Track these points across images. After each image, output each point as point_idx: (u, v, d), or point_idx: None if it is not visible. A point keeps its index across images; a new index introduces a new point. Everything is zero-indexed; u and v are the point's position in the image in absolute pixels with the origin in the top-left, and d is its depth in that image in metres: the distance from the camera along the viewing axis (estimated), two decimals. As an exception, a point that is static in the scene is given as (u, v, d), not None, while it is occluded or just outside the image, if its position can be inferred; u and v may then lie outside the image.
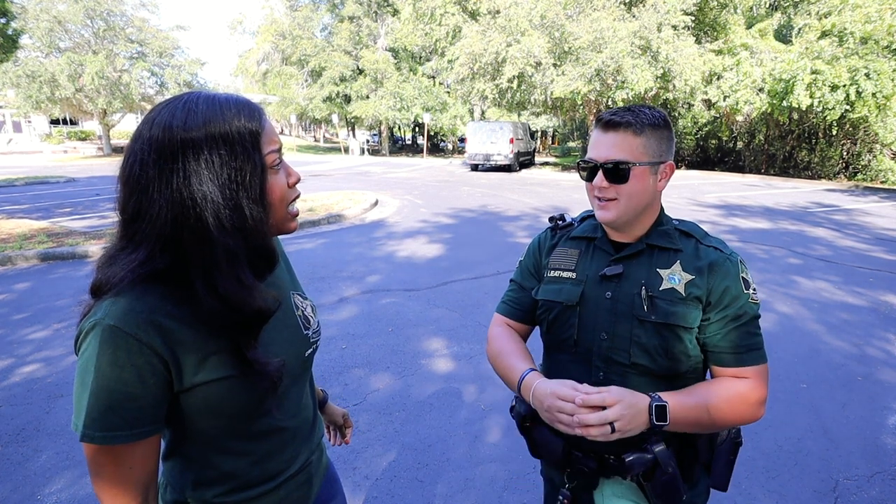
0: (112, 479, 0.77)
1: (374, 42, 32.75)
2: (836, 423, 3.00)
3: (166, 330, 0.76)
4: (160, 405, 0.78)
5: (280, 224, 0.88)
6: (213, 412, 0.83)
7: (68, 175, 17.40)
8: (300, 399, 0.99)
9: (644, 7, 17.08)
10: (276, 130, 0.88)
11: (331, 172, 19.60)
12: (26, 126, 37.31)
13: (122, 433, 0.74)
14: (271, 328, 0.89)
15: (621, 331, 1.12)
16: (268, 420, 0.90)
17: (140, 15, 28.03)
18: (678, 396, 1.05)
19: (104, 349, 0.72)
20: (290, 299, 0.99)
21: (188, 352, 0.78)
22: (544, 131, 45.87)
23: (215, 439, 0.86)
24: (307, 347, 0.99)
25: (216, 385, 0.80)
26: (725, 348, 1.10)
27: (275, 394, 0.87)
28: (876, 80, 14.98)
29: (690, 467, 1.13)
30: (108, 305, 0.74)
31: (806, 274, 6.03)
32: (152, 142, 0.75)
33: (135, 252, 0.76)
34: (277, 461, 0.94)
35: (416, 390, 3.36)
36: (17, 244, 6.83)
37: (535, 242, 1.34)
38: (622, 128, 1.09)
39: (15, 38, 12.58)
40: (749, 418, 1.08)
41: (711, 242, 1.15)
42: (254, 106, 0.83)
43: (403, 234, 8.23)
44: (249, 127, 0.79)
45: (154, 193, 0.75)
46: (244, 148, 0.78)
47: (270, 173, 0.83)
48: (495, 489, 2.46)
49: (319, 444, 1.07)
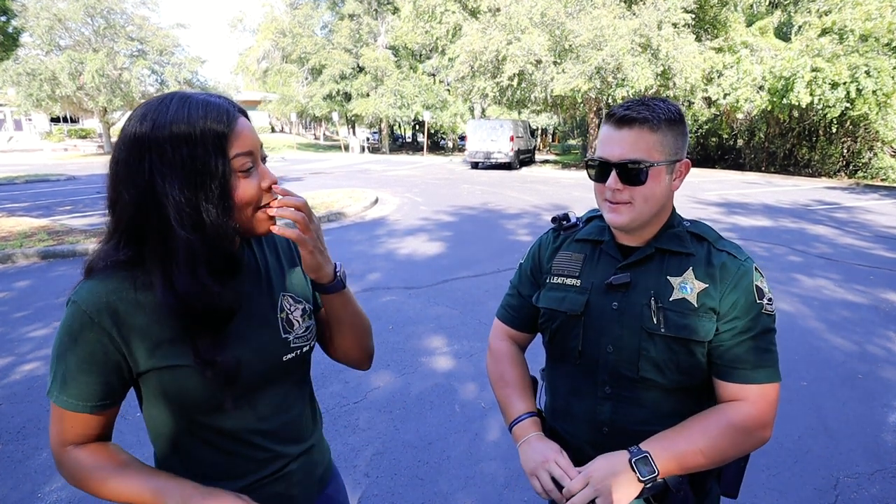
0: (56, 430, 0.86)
1: (375, 40, 32.68)
2: (837, 421, 3.00)
3: (119, 312, 0.81)
4: (109, 385, 0.84)
5: (248, 226, 0.87)
6: (170, 399, 0.86)
7: (69, 173, 17.41)
8: (278, 403, 0.97)
9: (644, 5, 17.02)
10: (258, 132, 0.88)
11: (331, 170, 19.59)
12: (27, 124, 37.26)
13: (72, 401, 0.82)
14: (243, 325, 0.90)
15: (629, 343, 1.04)
16: (231, 417, 0.90)
17: (140, 13, 28.05)
18: (664, 444, 0.98)
19: (66, 323, 0.82)
20: (278, 301, 0.98)
21: (140, 336, 0.82)
22: (545, 129, 45.80)
23: (180, 426, 0.90)
24: (286, 352, 0.96)
25: (168, 372, 0.84)
26: (730, 361, 1.01)
27: (230, 390, 0.87)
28: (876, 77, 14.93)
29: (702, 482, 1.06)
30: (80, 286, 0.83)
31: (806, 272, 6.03)
32: (126, 139, 0.81)
33: (108, 242, 0.85)
34: (247, 461, 0.94)
35: (417, 388, 3.36)
36: (18, 242, 6.83)
37: (537, 245, 1.26)
38: (637, 124, 0.99)
39: (15, 36, 12.56)
40: (753, 445, 1.01)
41: (725, 247, 1.07)
42: (226, 108, 0.83)
43: (404, 231, 8.23)
44: (215, 129, 0.80)
45: (122, 188, 0.80)
46: (206, 150, 0.79)
47: (238, 176, 0.83)
48: (496, 487, 2.46)
49: (309, 453, 1.04)
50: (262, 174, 0.86)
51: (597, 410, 1.10)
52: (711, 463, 0.99)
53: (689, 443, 0.98)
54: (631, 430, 1.06)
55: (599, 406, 1.10)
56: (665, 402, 1.06)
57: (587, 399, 1.11)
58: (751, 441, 1.00)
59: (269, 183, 0.87)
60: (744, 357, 1.01)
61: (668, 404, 1.06)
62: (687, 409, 1.06)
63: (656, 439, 1.00)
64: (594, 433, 1.11)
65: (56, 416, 0.85)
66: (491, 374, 1.27)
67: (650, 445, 0.99)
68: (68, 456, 0.86)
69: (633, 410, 1.07)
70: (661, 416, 1.06)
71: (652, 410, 1.06)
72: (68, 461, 0.86)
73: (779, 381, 1.02)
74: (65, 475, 0.87)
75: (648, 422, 1.06)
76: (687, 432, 1.00)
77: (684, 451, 0.97)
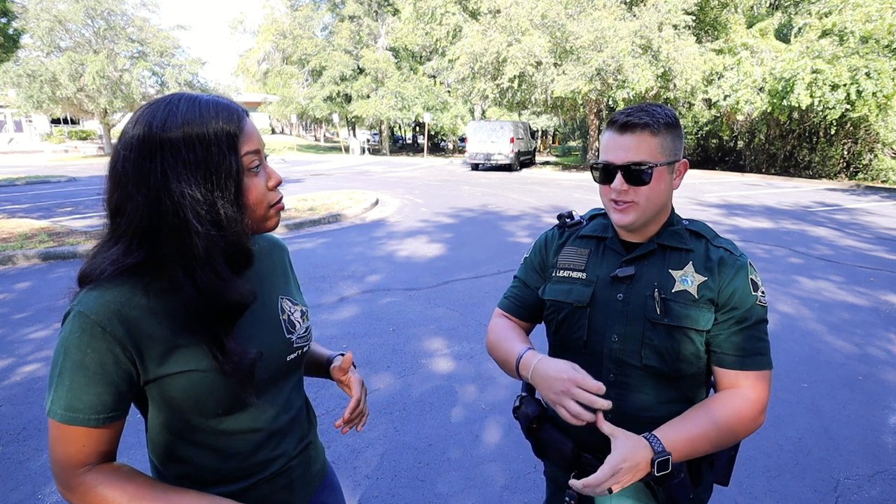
0: (64, 453, 0.79)
1: (375, 41, 32.73)
2: (837, 423, 3.00)
3: (132, 321, 0.79)
4: (120, 395, 0.81)
5: (258, 224, 0.90)
6: (180, 405, 0.85)
7: (69, 174, 17.42)
8: (280, 402, 0.99)
9: (645, 6, 17.06)
10: (260, 133, 0.90)
11: (331, 172, 19.60)
12: (27, 125, 37.33)
13: (80, 415, 0.78)
14: (250, 326, 0.91)
15: (633, 333, 1.11)
16: (239, 419, 0.91)
17: (141, 14, 28.02)
18: (677, 435, 1.01)
19: (72, 334, 0.78)
20: (278, 303, 1.00)
21: (153, 344, 0.81)
22: (545, 131, 45.83)
23: (183, 431, 0.89)
24: (290, 352, 0.99)
25: (184, 378, 0.83)
26: (728, 350, 1.08)
27: (251, 384, 0.87)
28: (876, 79, 14.93)
29: (698, 467, 1.13)
30: (83, 295, 0.80)
31: (807, 273, 6.03)
32: (133, 140, 0.80)
33: (115, 246, 0.81)
34: (251, 461, 0.94)
35: (417, 390, 3.36)
36: (18, 243, 6.84)
37: (542, 239, 1.32)
38: (639, 129, 1.07)
39: (16, 38, 12.57)
40: (751, 430, 1.07)
41: (721, 243, 1.14)
42: (234, 108, 0.85)
43: (404, 233, 8.23)
44: (227, 129, 0.82)
45: (133, 190, 0.79)
46: (220, 149, 0.81)
47: (248, 175, 0.86)
48: (496, 489, 2.45)
49: (307, 450, 1.06)
50: (268, 173, 0.90)
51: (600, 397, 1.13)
52: (714, 449, 1.05)
53: (700, 432, 1.03)
54: (632, 415, 1.12)
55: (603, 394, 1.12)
56: (664, 389, 1.12)
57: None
58: (750, 426, 1.06)
59: (275, 182, 0.90)
60: (741, 345, 1.08)
61: (667, 391, 1.12)
62: (683, 397, 1.13)
63: (670, 430, 1.03)
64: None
65: (62, 437, 0.78)
66: (489, 342, 1.31)
67: (665, 437, 1.01)
68: (85, 483, 0.79)
69: (636, 397, 1.12)
70: (659, 402, 1.12)
71: (652, 397, 1.12)
72: (87, 490, 0.79)
73: (771, 369, 1.10)
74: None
75: (648, 408, 1.12)
76: (696, 422, 1.05)
77: (694, 441, 1.02)
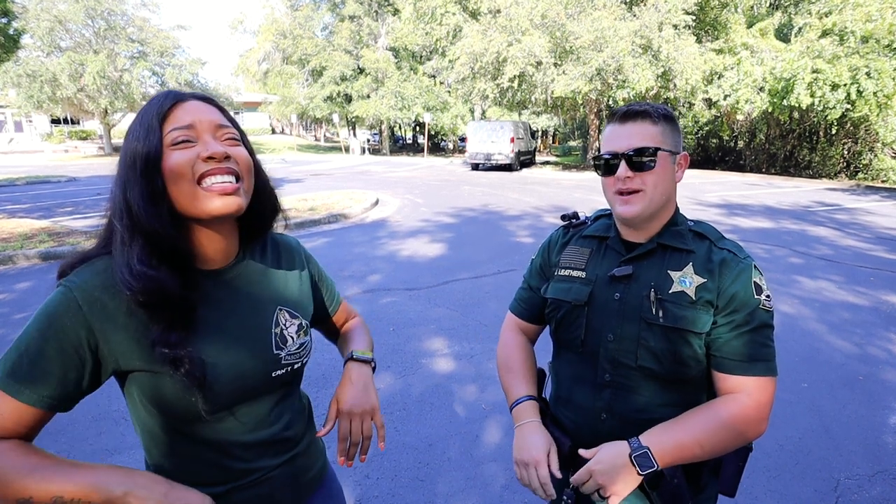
0: None
1: (375, 41, 32.72)
2: (838, 423, 3.00)
3: (108, 309, 0.80)
4: (68, 383, 0.79)
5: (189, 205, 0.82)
6: (151, 404, 0.86)
7: (69, 174, 17.42)
8: (261, 416, 0.95)
9: (645, 6, 17.06)
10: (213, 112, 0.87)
11: (331, 172, 19.60)
12: (27, 125, 37.33)
13: (24, 389, 0.76)
14: (228, 336, 0.89)
15: (628, 333, 1.10)
16: (212, 428, 0.89)
17: (141, 14, 28.06)
18: (664, 437, 1.02)
19: (49, 304, 0.80)
20: (273, 314, 0.97)
21: (124, 335, 0.81)
22: (545, 131, 45.80)
23: (163, 431, 0.89)
24: (276, 368, 0.95)
25: (149, 377, 0.83)
26: (728, 354, 1.05)
27: (202, 396, 0.84)
28: (877, 79, 14.94)
29: (697, 473, 1.10)
30: (73, 274, 0.83)
31: (807, 273, 6.03)
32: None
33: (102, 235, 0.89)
34: (225, 471, 0.92)
35: (417, 389, 3.36)
36: (19, 243, 6.84)
37: (547, 241, 1.34)
38: (640, 117, 1.09)
39: (16, 38, 12.54)
40: (749, 437, 1.04)
41: (726, 245, 1.11)
42: (169, 92, 0.86)
43: (404, 233, 8.23)
44: (154, 112, 0.83)
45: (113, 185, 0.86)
46: (145, 128, 0.82)
47: (170, 150, 0.81)
48: (496, 488, 2.46)
49: (293, 461, 1.03)
50: (204, 144, 0.83)
51: (596, 397, 1.15)
52: (708, 455, 1.03)
53: (688, 435, 1.02)
54: (628, 417, 1.11)
55: (599, 393, 1.15)
56: (662, 391, 1.10)
57: (588, 386, 1.17)
58: (747, 434, 1.03)
59: (209, 153, 0.82)
60: (742, 350, 1.05)
61: (666, 394, 1.11)
62: (683, 400, 1.10)
63: (656, 431, 1.04)
64: (593, 420, 1.16)
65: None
66: (498, 361, 1.36)
67: (650, 438, 1.02)
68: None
69: (631, 398, 1.12)
70: (657, 405, 1.10)
71: (649, 399, 1.11)
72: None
73: (775, 376, 1.06)
74: None
75: (646, 410, 1.11)
76: (686, 424, 1.04)
77: (683, 444, 1.01)
